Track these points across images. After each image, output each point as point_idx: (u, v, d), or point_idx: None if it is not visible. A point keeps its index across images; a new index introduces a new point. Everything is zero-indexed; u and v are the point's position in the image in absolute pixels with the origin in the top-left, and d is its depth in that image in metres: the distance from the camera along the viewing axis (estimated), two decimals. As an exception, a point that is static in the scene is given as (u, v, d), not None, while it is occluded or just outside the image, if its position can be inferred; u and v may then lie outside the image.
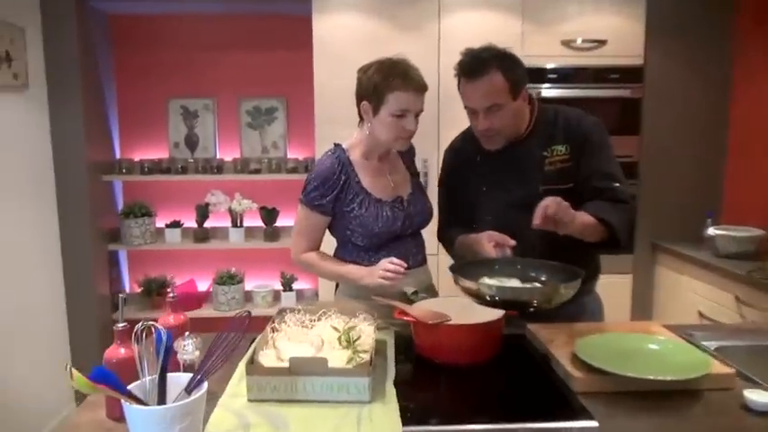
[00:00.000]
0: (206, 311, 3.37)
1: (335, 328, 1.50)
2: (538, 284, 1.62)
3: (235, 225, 3.35)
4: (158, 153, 3.48)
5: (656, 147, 3.19)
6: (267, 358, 1.37)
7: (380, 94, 1.67)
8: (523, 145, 1.77)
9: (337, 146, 1.79)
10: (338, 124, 2.99)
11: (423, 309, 1.53)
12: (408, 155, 1.92)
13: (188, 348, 1.30)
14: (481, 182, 1.83)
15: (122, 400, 1.00)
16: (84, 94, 3.03)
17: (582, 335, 1.48)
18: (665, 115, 3.20)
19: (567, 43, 3.05)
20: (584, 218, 1.62)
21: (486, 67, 1.64)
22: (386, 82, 1.66)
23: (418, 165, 1.99)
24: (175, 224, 3.37)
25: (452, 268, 1.63)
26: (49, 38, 2.92)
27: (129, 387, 1.04)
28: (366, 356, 1.32)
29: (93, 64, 3.16)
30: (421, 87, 1.69)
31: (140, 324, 1.10)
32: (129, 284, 3.58)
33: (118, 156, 3.47)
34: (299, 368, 1.24)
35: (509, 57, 1.69)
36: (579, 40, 3.04)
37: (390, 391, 1.29)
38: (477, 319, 1.50)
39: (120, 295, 1.27)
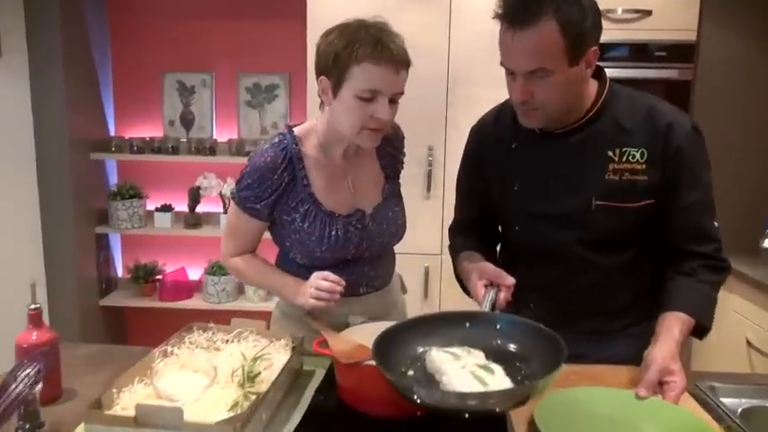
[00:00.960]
0: (195, 302, 3.15)
1: (244, 355, 1.20)
2: (504, 380, 1.00)
3: (226, 211, 3.10)
4: (154, 131, 3.26)
5: (708, 139, 2.69)
6: (138, 394, 1.08)
7: (342, 66, 1.24)
8: (581, 134, 1.29)
9: (289, 131, 1.39)
10: None
11: (349, 341, 1.20)
12: (390, 147, 1.47)
13: (24, 380, 1.02)
14: (513, 177, 1.37)
15: None
16: (68, 64, 2.82)
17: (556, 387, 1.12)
18: (721, 102, 2.71)
19: (604, 14, 2.58)
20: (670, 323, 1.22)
21: (538, 11, 1.13)
22: (350, 51, 1.23)
23: (421, 154, 1.56)
24: (166, 208, 3.14)
25: (380, 338, 1.06)
26: (29, 3, 2.72)
27: None
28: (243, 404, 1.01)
29: (80, 32, 2.94)
30: (399, 61, 1.25)
31: None
32: (122, 269, 3.41)
33: (112, 133, 3.27)
34: (147, 419, 0.94)
35: (572, 3, 1.16)
36: (619, 11, 2.58)
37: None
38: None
39: (30, 282, 1.15)
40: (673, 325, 1.21)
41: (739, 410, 1.17)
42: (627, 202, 1.27)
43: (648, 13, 2.56)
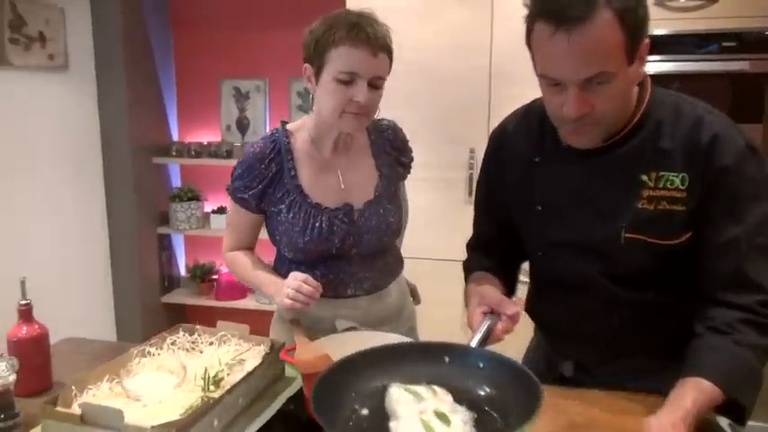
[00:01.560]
0: (248, 302, 3.26)
1: (220, 360, 1.20)
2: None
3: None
4: (212, 136, 3.40)
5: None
6: (104, 392, 1.11)
7: (322, 51, 1.27)
8: (617, 152, 1.09)
9: (282, 125, 1.43)
10: (402, 107, 2.62)
11: (315, 350, 1.16)
12: (388, 147, 1.47)
13: (2, 372, 1.08)
14: (534, 197, 1.20)
15: None
16: (131, 75, 3.00)
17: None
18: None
19: (662, 2, 2.37)
20: (697, 390, 0.96)
21: (592, 4, 0.93)
22: (328, 35, 1.26)
23: (462, 156, 1.51)
24: (222, 210, 3.26)
25: (338, 366, 0.96)
26: (96, 18, 2.93)
27: None
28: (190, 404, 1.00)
29: (143, 46, 3.13)
30: (375, 44, 1.26)
31: None
32: (184, 268, 3.57)
33: (175, 138, 3.45)
34: (93, 418, 0.96)
35: None
36: (682, -1, 2.36)
37: (218, 461, 0.96)
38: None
39: (21, 279, 1.18)
40: (687, 394, 0.96)
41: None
42: (662, 237, 1.07)
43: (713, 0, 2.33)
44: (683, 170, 1.05)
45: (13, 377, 1.08)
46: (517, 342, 1.31)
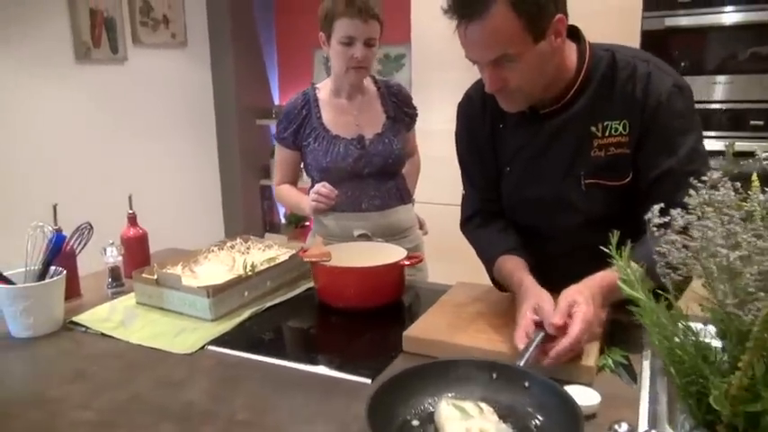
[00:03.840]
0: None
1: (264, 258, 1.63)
2: None
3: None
4: (307, 100, 3.88)
5: None
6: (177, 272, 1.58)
7: (330, 22, 1.68)
8: (565, 112, 1.21)
9: (311, 85, 1.87)
10: (434, 69, 2.92)
11: (323, 248, 1.54)
12: (393, 98, 1.86)
13: (111, 254, 1.58)
14: (503, 159, 1.33)
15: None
16: (238, 48, 3.55)
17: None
18: None
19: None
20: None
21: (484, 1, 1.05)
22: (333, 10, 1.66)
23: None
24: (312, 165, 3.75)
25: (395, 380, 0.94)
26: (210, 2, 3.48)
27: (12, 272, 1.35)
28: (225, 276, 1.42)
29: (249, 21, 3.65)
30: (367, 14, 1.63)
31: (34, 226, 1.40)
32: (283, 216, 4.13)
33: (277, 102, 3.97)
34: (163, 281, 1.42)
35: None
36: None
37: (242, 316, 1.38)
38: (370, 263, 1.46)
39: (53, 204, 1.56)
40: (599, 275, 1.08)
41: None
42: (614, 179, 1.19)
43: (765, -52, 2.31)
44: (624, 116, 1.17)
45: (120, 258, 1.58)
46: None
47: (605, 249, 0.84)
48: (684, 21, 2.47)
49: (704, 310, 0.63)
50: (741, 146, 0.72)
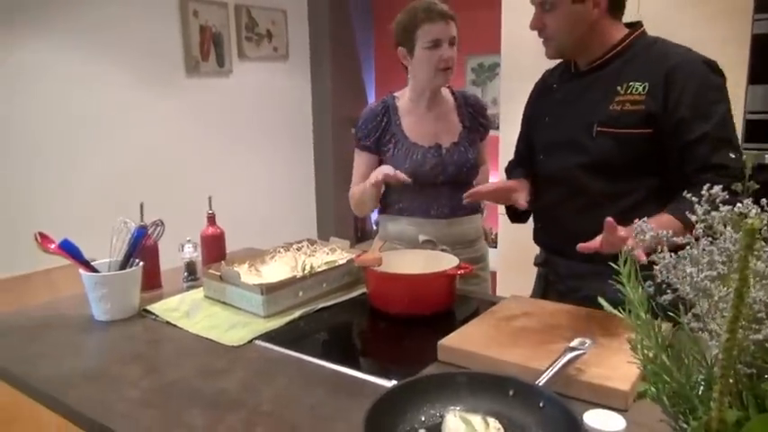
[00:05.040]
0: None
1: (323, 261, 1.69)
2: None
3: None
4: (401, 110, 3.94)
5: None
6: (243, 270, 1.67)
7: (411, 33, 1.73)
8: (597, 72, 1.42)
9: (390, 94, 1.92)
10: (523, 80, 2.82)
11: (377, 254, 1.56)
12: (470, 108, 1.87)
13: (188, 250, 1.71)
14: (546, 111, 1.55)
15: (77, 265, 1.48)
16: (337, 62, 3.69)
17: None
18: None
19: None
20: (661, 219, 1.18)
21: None
22: (412, 21, 1.72)
23: None
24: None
25: (404, 386, 0.94)
26: (311, 17, 3.66)
27: (98, 262, 1.51)
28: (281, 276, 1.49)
29: (348, 36, 3.78)
30: (445, 15, 1.69)
31: (120, 221, 1.56)
32: (374, 223, 4.20)
33: (373, 112, 4.08)
34: (226, 277, 1.52)
35: None
36: None
37: (293, 315, 1.44)
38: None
39: (141, 202, 1.73)
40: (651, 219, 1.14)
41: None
42: (624, 128, 1.33)
43: None
44: (646, 80, 1.33)
45: (196, 254, 1.71)
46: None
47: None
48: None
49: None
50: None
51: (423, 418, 0.92)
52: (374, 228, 4.17)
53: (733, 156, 1.22)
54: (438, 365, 1.16)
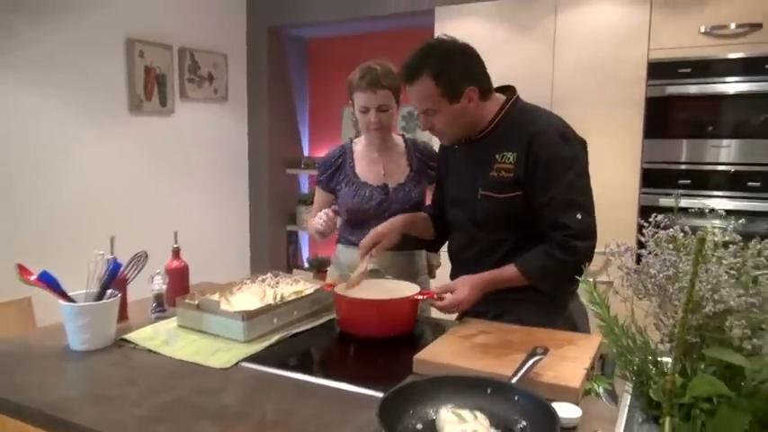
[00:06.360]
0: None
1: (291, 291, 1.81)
2: None
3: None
4: (334, 153, 4.15)
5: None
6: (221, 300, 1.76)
7: (350, 94, 1.98)
8: (482, 141, 1.65)
9: (350, 140, 2.14)
10: None
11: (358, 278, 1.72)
12: (419, 153, 2.09)
13: (157, 282, 1.78)
14: (452, 167, 1.78)
15: (55, 296, 1.51)
16: (274, 104, 3.85)
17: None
18: None
19: (708, 31, 2.61)
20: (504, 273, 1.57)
21: (417, 73, 1.55)
22: (350, 85, 1.97)
23: None
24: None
25: (401, 390, 1.11)
26: (250, 61, 3.81)
27: (74, 293, 1.55)
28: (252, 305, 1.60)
29: (285, 81, 3.96)
30: (374, 85, 1.88)
31: (95, 253, 1.61)
32: (306, 261, 4.32)
33: (306, 153, 4.24)
34: (204, 306, 1.61)
35: (447, 59, 1.56)
36: (732, 26, 2.58)
37: (271, 339, 1.55)
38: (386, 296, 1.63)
39: (111, 236, 1.78)
40: (496, 270, 1.57)
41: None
42: (500, 192, 1.59)
43: (758, 26, 2.52)
44: (515, 150, 1.57)
45: (165, 286, 1.77)
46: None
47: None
48: (683, 89, 2.68)
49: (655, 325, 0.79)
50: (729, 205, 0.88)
51: (418, 416, 1.08)
52: (305, 264, 4.29)
53: (579, 216, 1.51)
54: (414, 377, 1.32)
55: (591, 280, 0.88)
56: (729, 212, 0.90)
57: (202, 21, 3.49)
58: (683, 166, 2.71)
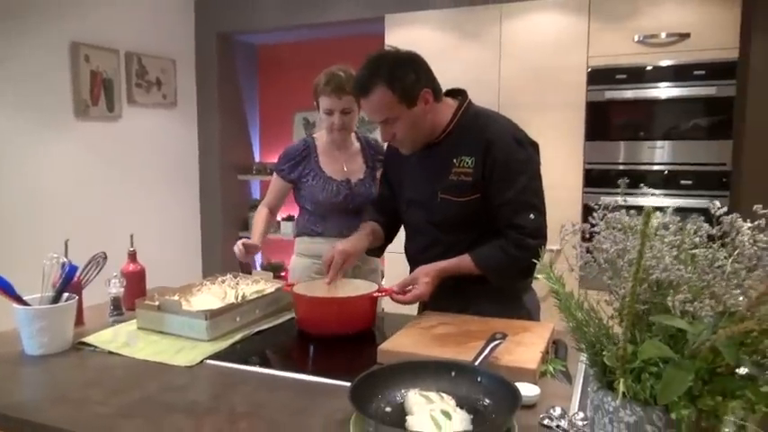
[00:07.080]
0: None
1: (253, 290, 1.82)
2: (460, 427, 1.04)
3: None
4: (286, 158, 4.15)
5: (757, 154, 2.69)
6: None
7: (316, 97, 2.06)
8: (439, 147, 1.68)
9: (310, 135, 2.24)
10: None
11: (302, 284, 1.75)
12: (372, 151, 2.22)
13: (114, 285, 1.75)
14: (407, 170, 1.78)
15: (10, 300, 1.48)
16: (223, 110, 3.82)
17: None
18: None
19: (641, 40, 2.79)
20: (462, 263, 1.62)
21: (371, 84, 1.55)
22: (316, 88, 2.06)
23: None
24: (290, 218, 3.96)
25: (369, 375, 1.15)
26: (199, 67, 3.78)
27: (28, 297, 1.52)
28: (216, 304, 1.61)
29: (234, 87, 3.95)
30: (341, 91, 1.97)
31: (50, 256, 1.57)
32: (259, 265, 4.29)
33: (258, 159, 4.22)
34: (165, 307, 1.60)
35: (397, 66, 1.57)
36: (663, 35, 2.76)
37: (234, 338, 1.56)
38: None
39: (65, 239, 1.75)
40: (454, 260, 1.62)
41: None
42: (459, 196, 1.63)
43: (686, 35, 2.71)
44: (472, 155, 1.61)
45: (122, 289, 1.75)
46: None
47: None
48: (620, 94, 2.85)
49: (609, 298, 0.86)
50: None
51: (387, 400, 1.12)
52: (257, 269, 4.26)
53: (532, 217, 1.58)
54: (380, 367, 1.36)
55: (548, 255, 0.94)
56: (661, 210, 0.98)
57: (150, 26, 3.45)
58: (622, 167, 2.88)
